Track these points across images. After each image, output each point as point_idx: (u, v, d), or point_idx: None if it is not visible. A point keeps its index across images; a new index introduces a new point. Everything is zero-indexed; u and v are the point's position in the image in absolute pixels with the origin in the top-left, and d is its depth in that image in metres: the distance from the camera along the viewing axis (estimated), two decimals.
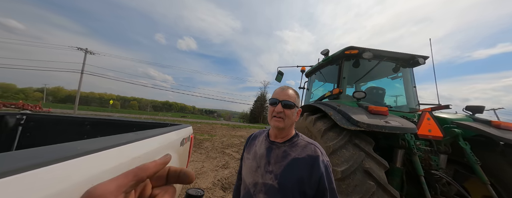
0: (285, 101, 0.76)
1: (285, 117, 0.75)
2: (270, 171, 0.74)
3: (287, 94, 0.77)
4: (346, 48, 2.34)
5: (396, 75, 2.57)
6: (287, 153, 0.75)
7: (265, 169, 0.75)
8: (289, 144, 0.77)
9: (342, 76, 2.38)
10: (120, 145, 0.66)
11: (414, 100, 2.40)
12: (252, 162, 0.82)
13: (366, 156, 1.41)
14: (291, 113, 0.76)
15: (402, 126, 1.41)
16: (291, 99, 0.76)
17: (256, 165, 0.79)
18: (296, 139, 0.79)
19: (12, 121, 1.51)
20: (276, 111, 0.75)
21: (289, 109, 0.75)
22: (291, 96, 0.77)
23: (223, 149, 6.70)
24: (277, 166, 0.73)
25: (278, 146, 0.78)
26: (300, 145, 0.76)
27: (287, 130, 0.79)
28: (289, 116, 0.75)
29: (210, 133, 11.63)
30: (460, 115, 2.03)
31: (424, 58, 2.32)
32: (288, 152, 0.75)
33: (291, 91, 0.79)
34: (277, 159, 0.75)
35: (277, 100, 0.77)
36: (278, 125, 0.75)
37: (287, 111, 0.75)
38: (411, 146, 1.56)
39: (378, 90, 2.50)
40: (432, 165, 1.57)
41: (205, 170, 4.17)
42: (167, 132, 1.18)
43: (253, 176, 0.78)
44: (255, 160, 0.81)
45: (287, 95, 0.77)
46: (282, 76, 3.68)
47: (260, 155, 0.80)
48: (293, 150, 0.75)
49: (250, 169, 0.80)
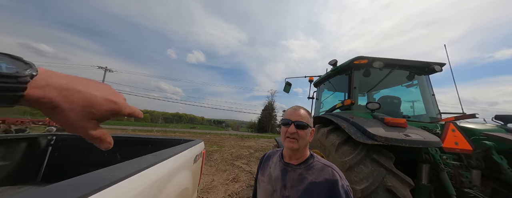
0: (298, 121, 0.75)
1: (299, 138, 0.74)
2: (286, 196, 0.72)
3: (300, 114, 0.77)
4: (354, 59, 2.31)
5: (411, 83, 2.46)
6: (303, 177, 0.73)
7: (281, 193, 0.74)
8: (305, 167, 0.76)
9: (353, 87, 2.32)
10: (142, 170, 0.70)
11: (434, 109, 2.25)
12: (267, 185, 0.80)
13: (387, 172, 1.31)
14: (305, 133, 0.75)
15: (424, 139, 1.31)
16: (303, 119, 0.76)
17: (271, 188, 0.78)
18: (312, 160, 0.77)
19: (44, 142, 1.66)
20: (289, 132, 0.74)
21: (302, 130, 0.74)
22: (303, 116, 0.77)
23: (233, 161, 6.59)
24: (293, 191, 0.71)
25: (293, 169, 0.77)
26: (316, 168, 0.74)
27: (301, 151, 0.78)
28: (302, 137, 0.74)
29: (219, 144, 11.59)
30: (490, 125, 1.85)
31: (440, 65, 2.20)
32: (304, 175, 0.73)
33: (303, 112, 0.79)
34: (293, 182, 0.73)
35: (289, 121, 0.76)
36: (292, 146, 0.74)
37: (301, 131, 0.74)
38: (437, 161, 1.44)
39: (392, 100, 2.39)
40: (464, 182, 1.42)
41: (215, 184, 4.09)
42: (181, 150, 1.22)
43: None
44: (270, 183, 0.79)
45: (300, 116, 0.77)
46: (290, 87, 3.67)
47: (275, 177, 0.79)
48: (309, 173, 0.73)
49: (266, 193, 0.79)
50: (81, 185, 0.48)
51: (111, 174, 0.58)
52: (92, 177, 0.55)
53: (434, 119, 2.16)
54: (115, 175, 0.58)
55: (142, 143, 1.97)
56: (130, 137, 2.03)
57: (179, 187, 1.05)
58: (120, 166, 0.69)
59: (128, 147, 1.93)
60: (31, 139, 1.58)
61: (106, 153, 1.81)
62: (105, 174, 0.58)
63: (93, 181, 0.52)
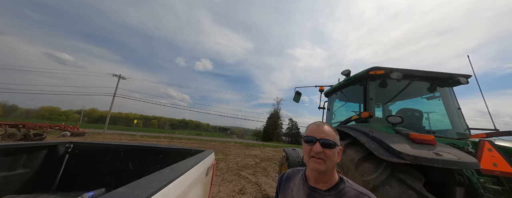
0: (324, 139, 0.66)
1: (326, 158, 0.64)
2: None
3: (325, 131, 0.67)
4: (370, 69, 2.20)
5: (432, 95, 2.31)
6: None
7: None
8: (336, 193, 0.65)
9: (369, 98, 2.20)
10: (163, 188, 0.67)
11: (461, 124, 2.05)
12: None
13: (418, 196, 1.18)
14: (332, 153, 0.65)
15: (460, 160, 1.18)
16: (330, 137, 0.66)
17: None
18: (343, 186, 0.67)
19: (62, 149, 1.70)
20: (314, 151, 0.65)
21: (329, 149, 0.65)
22: (329, 133, 0.67)
23: (239, 171, 6.38)
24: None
25: (322, 195, 0.67)
26: (349, 195, 0.64)
27: (329, 174, 0.67)
28: (330, 157, 0.65)
29: (224, 152, 11.39)
30: None
31: (466, 77, 2.03)
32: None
33: (328, 128, 0.69)
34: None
35: (314, 138, 0.67)
36: (319, 167, 0.64)
37: (328, 151, 0.65)
38: (475, 184, 1.28)
39: (414, 113, 2.21)
40: None
41: (221, 195, 3.93)
42: (195, 163, 1.18)
43: None
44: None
45: (325, 133, 0.67)
46: (300, 96, 3.61)
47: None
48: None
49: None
50: None
51: (134, 194, 0.56)
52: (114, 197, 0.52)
53: (462, 135, 1.97)
54: (137, 195, 0.55)
55: (153, 153, 1.96)
56: (141, 146, 2.03)
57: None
58: (140, 182, 0.66)
59: (140, 157, 1.93)
60: (51, 147, 1.63)
61: (119, 162, 1.82)
62: (127, 194, 0.55)
63: None
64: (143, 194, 0.56)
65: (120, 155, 1.85)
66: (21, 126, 9.73)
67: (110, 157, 1.81)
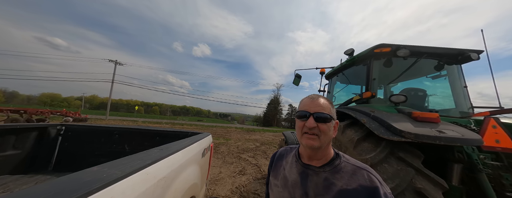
0: (319, 113, 0.60)
1: (320, 133, 0.59)
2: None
3: (320, 104, 0.62)
4: (375, 46, 2.07)
5: (438, 74, 2.20)
6: (330, 182, 0.59)
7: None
8: (331, 169, 0.61)
9: (372, 78, 2.12)
10: (145, 167, 0.61)
11: (466, 102, 2.01)
12: (282, 192, 0.66)
13: (416, 172, 1.17)
14: (328, 127, 0.60)
15: (463, 136, 1.14)
16: (325, 110, 0.60)
17: (288, 196, 0.64)
18: (339, 161, 0.62)
19: (53, 132, 1.67)
20: (307, 126, 0.59)
21: (324, 123, 0.59)
22: (324, 106, 0.61)
23: (239, 154, 6.65)
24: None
25: (316, 172, 0.62)
26: (346, 171, 0.60)
27: (324, 150, 0.62)
28: (325, 132, 0.59)
29: (225, 136, 11.76)
30: None
31: (477, 53, 1.92)
32: (331, 180, 0.59)
33: (323, 101, 0.63)
34: (317, 190, 0.59)
35: (307, 113, 0.61)
36: (313, 144, 0.59)
37: (322, 125, 0.59)
38: (475, 161, 1.27)
39: (417, 92, 2.16)
40: (505, 185, 1.25)
41: (222, 176, 4.14)
42: (189, 144, 1.14)
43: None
44: (286, 189, 0.66)
45: (320, 106, 0.61)
46: (299, 79, 3.51)
47: (292, 182, 0.65)
48: (337, 177, 0.59)
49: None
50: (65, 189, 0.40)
51: (108, 172, 0.50)
52: (82, 176, 0.46)
53: (465, 114, 1.94)
54: (112, 173, 0.49)
55: (150, 135, 1.94)
56: (138, 128, 2.00)
57: (188, 183, 0.98)
58: (120, 161, 0.60)
59: (136, 139, 1.91)
60: (41, 129, 1.59)
61: (115, 144, 1.81)
62: (100, 173, 0.49)
63: (81, 182, 0.43)
64: (119, 173, 0.50)
65: (116, 137, 1.83)
66: (22, 111, 9.81)
67: (106, 139, 1.80)
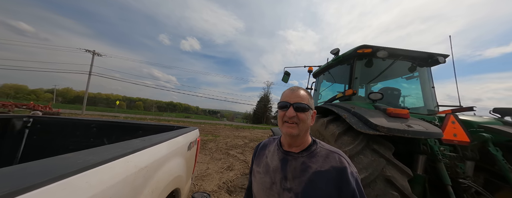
0: (298, 103, 0.65)
1: (299, 122, 0.65)
2: (289, 189, 0.63)
3: (299, 95, 0.67)
4: (358, 47, 2.22)
5: (411, 75, 2.43)
6: (306, 165, 0.65)
7: (282, 185, 0.65)
8: (308, 154, 0.67)
9: (354, 77, 2.26)
10: (125, 155, 0.60)
11: (432, 101, 2.26)
12: (264, 177, 0.71)
13: (387, 163, 1.30)
14: (306, 116, 0.65)
15: (427, 130, 1.29)
16: (304, 101, 0.66)
17: (270, 180, 0.69)
18: (315, 147, 0.69)
19: (19, 124, 1.50)
20: (287, 116, 0.65)
21: (302, 112, 0.65)
22: (303, 97, 0.67)
23: (227, 150, 6.65)
24: (296, 182, 0.63)
25: (295, 157, 0.68)
26: (320, 155, 0.66)
27: (302, 137, 0.68)
28: (303, 120, 0.65)
29: (214, 133, 11.63)
30: (487, 118, 1.88)
31: (444, 56, 2.17)
32: (308, 163, 0.65)
33: (302, 92, 0.69)
34: (295, 173, 0.65)
35: (287, 103, 0.67)
36: (292, 131, 0.65)
37: (301, 114, 0.65)
38: (435, 152, 1.44)
39: (393, 91, 2.37)
40: (458, 172, 1.44)
41: (210, 172, 4.12)
42: (174, 136, 1.12)
43: (268, 194, 0.67)
44: (268, 174, 0.70)
45: (299, 97, 0.67)
46: (288, 76, 3.59)
47: (273, 168, 0.70)
48: (313, 161, 0.65)
49: (263, 186, 0.70)
50: (38, 170, 0.38)
51: (84, 159, 0.48)
52: (55, 161, 0.44)
53: (432, 111, 2.18)
54: (89, 159, 0.47)
55: (132, 129, 1.85)
56: (119, 122, 1.89)
57: (172, 174, 0.97)
58: (98, 149, 0.58)
59: (116, 133, 1.81)
60: (3, 121, 1.42)
61: (92, 138, 1.69)
62: (75, 158, 0.47)
63: (58, 166, 0.41)
64: (96, 159, 0.48)
65: (93, 131, 1.71)
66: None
67: (81, 132, 1.67)
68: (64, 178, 0.39)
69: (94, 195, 0.44)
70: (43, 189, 0.34)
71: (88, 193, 0.42)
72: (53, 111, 12.86)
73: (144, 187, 0.69)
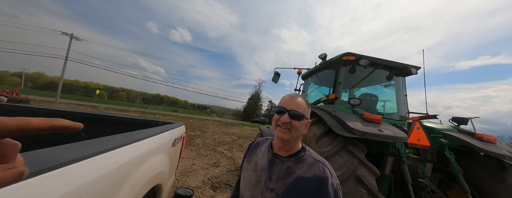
0: (294, 110, 0.68)
1: (292, 129, 0.67)
2: (272, 189, 0.67)
3: (296, 103, 0.69)
4: (343, 54, 2.36)
5: (389, 83, 2.65)
6: (291, 170, 0.68)
7: (265, 185, 0.69)
8: (295, 160, 0.70)
9: (338, 82, 2.41)
10: (105, 152, 0.60)
11: (404, 108, 2.50)
12: (251, 175, 0.75)
13: (359, 163, 1.43)
14: (300, 124, 0.68)
15: (394, 135, 1.44)
16: (300, 109, 0.68)
17: (256, 178, 0.73)
18: (303, 154, 0.71)
19: None
20: (282, 121, 0.67)
21: (297, 120, 0.67)
22: (300, 106, 0.69)
23: (215, 147, 6.62)
24: (279, 184, 0.67)
25: (282, 160, 0.71)
26: (306, 162, 0.69)
27: (293, 143, 0.71)
28: (296, 128, 0.67)
29: (202, 129, 11.45)
30: (446, 125, 2.14)
31: (416, 68, 2.41)
32: (293, 168, 0.68)
33: (301, 100, 0.71)
34: (280, 175, 0.68)
35: (284, 109, 0.69)
36: (283, 136, 0.67)
37: (295, 122, 0.67)
38: (401, 154, 1.62)
39: (371, 97, 2.57)
40: (419, 173, 1.64)
41: (195, 167, 4.09)
42: (157, 133, 1.12)
43: (252, 191, 0.72)
44: (255, 172, 0.74)
45: (296, 105, 0.69)
46: (278, 77, 3.66)
47: (261, 167, 0.74)
48: (298, 167, 0.68)
49: (249, 183, 0.74)
50: None
51: (61, 154, 0.48)
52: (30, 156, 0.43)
53: (403, 117, 2.41)
54: (66, 155, 0.47)
55: (112, 122, 1.77)
56: (98, 114, 1.80)
57: (153, 171, 0.97)
58: (76, 145, 0.58)
59: (96, 126, 1.72)
60: None
61: None
62: (53, 154, 0.47)
63: (34, 162, 0.41)
64: (74, 155, 0.48)
65: None
66: None
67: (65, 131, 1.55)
68: (40, 174, 0.39)
69: (70, 191, 0.45)
70: (16, 186, 0.34)
71: (64, 189, 0.43)
72: (21, 97, 11.58)
73: (124, 183, 0.70)
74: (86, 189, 0.49)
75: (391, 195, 1.62)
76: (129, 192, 0.73)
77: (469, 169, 1.67)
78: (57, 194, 0.41)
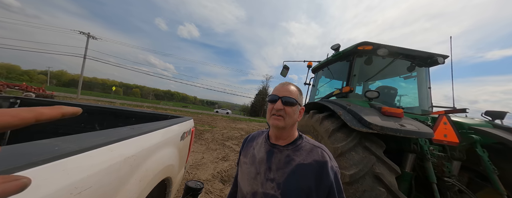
0: (286, 97, 0.67)
1: (285, 115, 0.66)
2: (272, 179, 0.65)
3: (288, 90, 0.69)
4: (359, 44, 2.16)
5: (409, 75, 2.41)
6: (290, 158, 0.67)
7: (265, 176, 0.67)
8: (293, 148, 0.69)
9: (353, 74, 2.24)
10: (109, 144, 0.57)
11: (427, 102, 2.27)
12: (250, 168, 0.73)
13: (377, 160, 1.33)
14: (293, 111, 0.67)
15: (419, 130, 1.30)
16: (292, 96, 0.68)
17: (255, 171, 0.70)
18: (300, 141, 0.71)
19: (5, 105, 1.44)
20: (275, 108, 0.67)
21: (290, 106, 0.67)
22: (292, 92, 0.69)
23: (223, 141, 6.74)
24: (279, 173, 0.65)
25: (280, 150, 0.70)
26: (305, 149, 0.68)
27: (288, 131, 0.70)
28: (290, 114, 0.67)
29: (211, 124, 11.71)
30: (478, 120, 1.90)
31: (443, 57, 2.15)
32: (292, 156, 0.67)
33: (293, 87, 0.71)
34: (279, 164, 0.67)
35: (276, 96, 0.68)
36: (278, 123, 0.66)
37: (288, 108, 0.67)
38: (425, 152, 1.47)
39: (390, 90, 2.36)
40: (444, 171, 1.49)
41: (205, 161, 4.20)
42: (166, 126, 1.10)
43: (252, 184, 0.69)
44: (253, 165, 0.72)
45: (288, 91, 0.69)
46: (287, 70, 3.54)
47: (259, 159, 0.72)
48: (297, 154, 0.67)
49: (248, 176, 0.72)
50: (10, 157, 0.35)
51: (61, 146, 0.45)
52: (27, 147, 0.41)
53: (426, 112, 2.20)
54: (66, 147, 0.45)
55: (125, 116, 1.82)
56: (111, 108, 1.85)
57: (162, 164, 0.96)
58: (79, 136, 0.55)
59: (109, 119, 1.77)
60: None
61: (84, 123, 1.66)
62: (52, 145, 0.44)
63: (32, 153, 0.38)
64: (75, 147, 0.46)
65: (84, 115, 1.67)
66: None
67: (73, 117, 1.62)
68: (38, 165, 0.36)
69: (72, 183, 0.42)
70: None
71: (63, 182, 0.40)
72: (47, 93, 12.63)
73: (131, 176, 0.68)
74: (88, 182, 0.46)
75: (411, 194, 1.50)
76: (137, 185, 0.71)
77: (507, 169, 1.48)
78: (55, 187, 0.38)
